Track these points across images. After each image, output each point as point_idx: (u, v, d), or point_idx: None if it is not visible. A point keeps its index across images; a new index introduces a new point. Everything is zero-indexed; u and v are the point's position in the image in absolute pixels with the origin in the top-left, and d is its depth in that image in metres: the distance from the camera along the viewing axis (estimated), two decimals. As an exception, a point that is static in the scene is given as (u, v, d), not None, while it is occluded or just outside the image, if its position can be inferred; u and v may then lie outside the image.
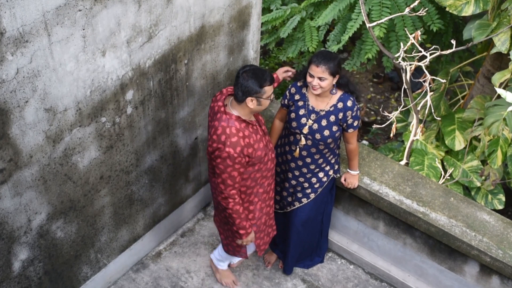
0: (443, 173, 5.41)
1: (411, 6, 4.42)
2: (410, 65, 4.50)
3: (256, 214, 3.95)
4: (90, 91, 3.34)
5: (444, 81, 4.98)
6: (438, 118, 5.37)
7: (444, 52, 4.49)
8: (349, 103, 3.93)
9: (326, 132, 3.95)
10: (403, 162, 5.30)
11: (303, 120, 3.97)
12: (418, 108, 4.96)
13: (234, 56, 4.40)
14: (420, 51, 4.40)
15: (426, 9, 5.43)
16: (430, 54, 4.39)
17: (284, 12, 6.40)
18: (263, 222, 4.06)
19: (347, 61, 6.50)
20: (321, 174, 4.20)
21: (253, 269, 4.69)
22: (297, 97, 4.01)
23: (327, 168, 4.20)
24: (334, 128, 3.96)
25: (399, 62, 4.51)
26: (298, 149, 4.07)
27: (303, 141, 4.02)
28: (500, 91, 4.58)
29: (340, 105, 3.93)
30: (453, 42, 4.49)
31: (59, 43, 2.98)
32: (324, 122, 3.94)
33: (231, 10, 4.09)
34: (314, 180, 4.20)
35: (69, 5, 2.92)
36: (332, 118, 3.94)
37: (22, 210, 3.35)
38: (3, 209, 3.24)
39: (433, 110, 4.79)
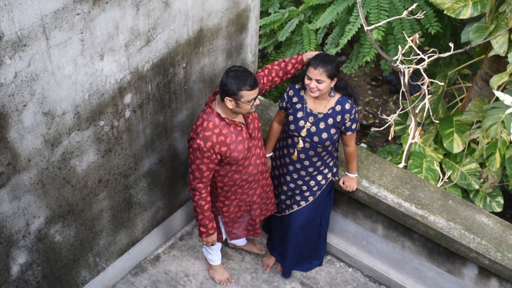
0: (441, 175, 5.42)
1: (409, 9, 4.43)
2: (408, 68, 4.50)
3: (231, 208, 4.03)
4: (89, 94, 3.33)
5: (442, 84, 4.98)
6: (436, 121, 5.38)
7: (442, 55, 4.50)
8: (347, 106, 3.93)
9: (324, 135, 3.95)
10: (401, 165, 5.30)
11: (301, 122, 3.97)
12: (416, 111, 4.97)
13: (232, 60, 4.40)
14: (418, 54, 4.41)
15: (424, 12, 5.45)
16: (428, 57, 4.40)
17: (282, 15, 6.41)
18: (238, 216, 4.11)
19: (345, 64, 6.51)
20: (319, 177, 4.20)
21: (251, 272, 4.69)
22: (295, 99, 4.01)
23: (326, 171, 4.20)
24: (332, 130, 3.96)
25: (397, 65, 4.51)
26: (296, 152, 4.07)
27: (301, 144, 4.02)
28: (498, 93, 4.58)
29: (338, 108, 3.94)
30: (451, 45, 4.50)
31: (57, 46, 2.98)
32: (322, 125, 3.95)
33: (229, 14, 4.10)
34: (312, 183, 4.20)
35: (67, 9, 2.92)
36: (330, 120, 3.94)
37: (20, 214, 3.34)
38: (1, 213, 3.23)
39: (431, 113, 4.79)
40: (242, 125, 3.72)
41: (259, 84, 3.68)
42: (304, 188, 4.22)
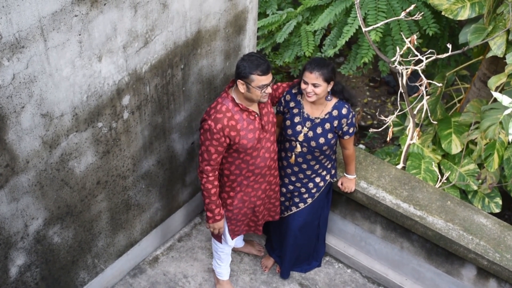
0: (439, 176, 5.42)
1: (407, 10, 4.43)
2: (406, 69, 4.50)
3: (235, 202, 4.01)
4: (87, 96, 3.33)
5: (440, 85, 4.99)
6: (435, 122, 5.38)
7: (440, 56, 4.50)
8: (344, 111, 3.93)
9: (322, 140, 3.95)
10: (400, 166, 5.30)
11: (298, 127, 3.97)
12: (415, 112, 4.97)
13: (230, 61, 4.40)
14: (416, 55, 4.41)
15: (422, 13, 5.45)
16: (426, 58, 4.40)
17: (280, 17, 6.42)
18: (242, 213, 4.10)
19: (343, 65, 6.51)
20: (317, 179, 4.20)
21: (250, 274, 4.68)
22: (292, 104, 4.00)
23: (324, 173, 4.20)
24: (330, 135, 3.96)
25: (395, 66, 4.51)
26: (293, 155, 4.07)
27: (298, 148, 4.02)
28: (496, 94, 4.59)
29: (335, 112, 3.93)
30: (449, 46, 4.50)
31: (55, 48, 2.98)
32: (319, 130, 3.94)
33: (227, 15, 4.10)
34: (310, 185, 4.20)
35: (65, 11, 2.92)
36: (327, 125, 3.94)
37: (18, 215, 3.34)
38: (0, 215, 3.23)
39: (429, 114, 4.79)
40: (256, 115, 3.76)
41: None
42: (303, 190, 4.22)
